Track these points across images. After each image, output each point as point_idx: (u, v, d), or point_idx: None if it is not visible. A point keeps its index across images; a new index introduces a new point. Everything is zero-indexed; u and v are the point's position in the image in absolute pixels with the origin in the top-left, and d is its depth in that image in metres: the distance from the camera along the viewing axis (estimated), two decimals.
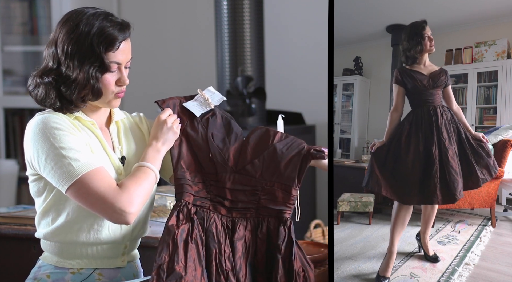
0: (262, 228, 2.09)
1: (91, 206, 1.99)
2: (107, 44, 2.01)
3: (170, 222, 2.02)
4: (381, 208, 2.61)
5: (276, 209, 2.09)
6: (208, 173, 2.10)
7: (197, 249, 2.00)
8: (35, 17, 4.82)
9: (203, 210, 2.07)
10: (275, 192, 2.10)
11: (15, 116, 4.87)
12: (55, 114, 2.05)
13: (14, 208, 3.09)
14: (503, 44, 2.37)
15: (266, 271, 2.09)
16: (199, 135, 2.13)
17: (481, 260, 2.36)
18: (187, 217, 2.04)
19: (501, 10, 2.31)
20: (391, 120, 2.51)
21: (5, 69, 4.84)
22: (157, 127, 2.09)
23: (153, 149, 2.08)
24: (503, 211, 2.44)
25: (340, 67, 2.56)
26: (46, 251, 2.15)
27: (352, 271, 2.39)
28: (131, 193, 1.99)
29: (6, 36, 4.83)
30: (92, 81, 2.02)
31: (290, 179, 2.10)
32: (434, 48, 2.46)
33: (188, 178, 2.08)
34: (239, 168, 2.11)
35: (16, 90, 4.86)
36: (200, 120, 2.14)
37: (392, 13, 2.44)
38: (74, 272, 2.11)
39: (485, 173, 2.44)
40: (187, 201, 2.06)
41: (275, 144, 2.12)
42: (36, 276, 2.13)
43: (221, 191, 2.09)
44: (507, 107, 2.34)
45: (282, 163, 2.11)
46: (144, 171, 2.05)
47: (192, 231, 2.02)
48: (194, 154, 2.11)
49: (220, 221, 2.07)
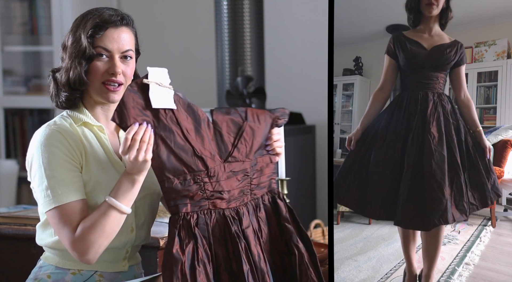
0: (260, 208, 2.07)
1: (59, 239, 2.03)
2: (93, 28, 2.03)
3: (174, 247, 1.91)
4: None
5: (266, 181, 2.08)
6: (198, 171, 1.97)
7: (205, 270, 1.94)
8: (35, 17, 4.81)
9: (204, 213, 1.99)
10: (259, 167, 2.08)
11: (15, 116, 4.86)
12: (60, 130, 2.04)
13: (14, 208, 3.09)
14: (503, 44, 2.37)
15: (276, 248, 2.07)
16: (175, 135, 1.95)
17: (481, 260, 2.36)
18: (189, 233, 1.95)
19: (501, 10, 2.31)
20: (372, 103, 2.12)
21: (5, 69, 4.83)
22: (124, 159, 1.93)
23: (126, 179, 1.95)
24: (503, 211, 2.44)
25: (340, 67, 2.56)
26: (47, 251, 2.15)
27: (352, 271, 2.39)
28: (86, 241, 1.95)
29: (6, 36, 4.82)
30: (76, 65, 2.03)
31: (263, 148, 2.09)
32: (435, 9, 1.97)
33: (179, 186, 1.95)
34: (225, 157, 2.03)
35: (16, 90, 4.85)
36: (165, 114, 1.94)
37: (392, 13, 2.44)
38: (74, 272, 2.10)
39: (476, 198, 1.96)
40: (185, 211, 1.96)
41: (247, 122, 2.05)
42: (36, 276, 2.12)
43: (217, 185, 2.00)
44: (507, 107, 2.34)
45: (261, 138, 2.07)
46: (106, 212, 1.95)
47: (197, 250, 1.94)
48: (176, 156, 1.95)
49: (223, 216, 2.00)
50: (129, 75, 2.09)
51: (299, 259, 2.04)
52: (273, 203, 2.09)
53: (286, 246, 2.07)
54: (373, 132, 2.08)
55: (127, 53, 2.08)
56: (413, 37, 2.06)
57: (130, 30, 2.10)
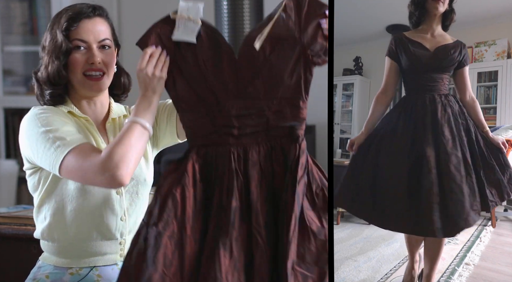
0: (276, 150, 1.97)
1: (83, 181, 1.99)
2: (67, 21, 2.06)
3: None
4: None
5: (287, 126, 1.97)
6: (209, 103, 1.97)
7: (182, 197, 1.91)
8: (35, 17, 4.82)
9: (212, 147, 1.96)
10: (282, 109, 1.97)
11: (15, 116, 4.87)
12: (46, 106, 2.10)
13: (14, 208, 3.10)
14: (503, 44, 2.37)
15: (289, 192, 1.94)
16: (192, 66, 1.97)
17: (481, 260, 2.36)
18: (194, 179, 1.94)
19: (501, 10, 2.31)
20: (375, 106, 2.11)
21: (5, 69, 4.83)
22: (140, 78, 1.98)
23: (143, 100, 1.99)
24: (503, 211, 2.44)
25: (340, 67, 2.56)
26: (45, 251, 2.15)
27: (352, 271, 2.39)
28: (115, 156, 1.91)
29: (6, 36, 4.83)
30: (54, 60, 2.05)
31: (296, 91, 1.97)
32: (442, 6, 1.92)
33: (192, 117, 1.97)
34: (240, 92, 1.97)
35: (16, 90, 4.86)
36: (187, 45, 1.98)
37: (392, 13, 2.44)
38: (72, 273, 2.10)
39: (494, 194, 1.92)
40: (195, 144, 1.96)
41: (268, 57, 1.95)
42: (35, 277, 2.13)
43: (227, 119, 1.96)
44: (507, 107, 2.34)
45: (284, 76, 1.96)
46: (129, 127, 1.97)
47: (184, 181, 1.93)
48: (190, 87, 1.98)
49: (228, 152, 1.95)
50: (110, 64, 2.10)
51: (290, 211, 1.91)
52: (289, 147, 1.96)
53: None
54: (380, 136, 2.05)
55: (104, 42, 2.10)
56: (415, 38, 2.04)
57: (105, 21, 2.13)
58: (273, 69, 1.95)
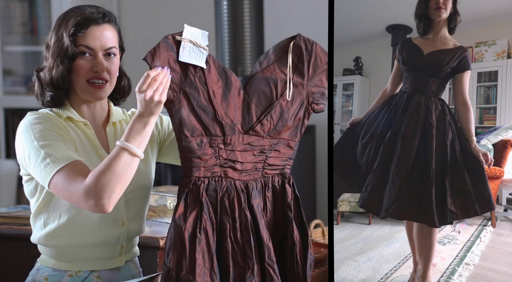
0: (269, 187, 2.06)
1: (70, 202, 1.97)
2: (75, 27, 2.03)
3: (178, 211, 1.93)
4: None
5: (280, 164, 2.07)
6: (215, 135, 1.98)
7: (206, 239, 1.94)
8: (35, 17, 4.81)
9: (215, 180, 1.98)
10: (280, 148, 2.06)
11: (15, 116, 4.86)
12: (42, 114, 2.07)
13: (14, 208, 3.09)
14: (503, 44, 2.37)
15: (277, 231, 2.06)
16: (200, 95, 1.96)
17: (481, 260, 2.36)
18: (196, 199, 1.95)
19: (501, 10, 2.31)
20: (378, 99, 2.27)
21: (5, 69, 4.83)
22: (138, 98, 1.92)
23: (139, 121, 1.93)
24: (503, 211, 2.44)
25: (340, 67, 2.56)
26: (43, 254, 2.14)
27: (352, 271, 2.39)
28: (97, 184, 1.88)
29: (6, 36, 4.82)
30: (59, 64, 2.03)
31: (293, 134, 2.07)
32: (444, 13, 2.00)
33: (195, 147, 1.96)
34: (247, 129, 2.02)
35: (16, 90, 4.85)
36: (195, 72, 1.97)
37: (392, 13, 2.44)
38: (71, 275, 2.10)
39: (457, 205, 1.97)
40: (197, 176, 1.96)
41: (279, 100, 2.03)
42: (34, 279, 2.12)
43: (231, 154, 1.99)
44: (507, 107, 2.34)
45: (289, 120, 2.05)
46: (116, 153, 1.91)
47: (201, 218, 1.94)
48: (197, 116, 1.96)
49: (233, 186, 2.00)
50: (114, 72, 2.08)
51: (290, 248, 2.04)
52: (281, 186, 2.07)
53: (284, 232, 2.06)
54: (362, 124, 2.17)
55: (110, 50, 2.07)
56: (417, 42, 2.11)
57: (113, 27, 2.09)
58: (281, 112, 2.03)
